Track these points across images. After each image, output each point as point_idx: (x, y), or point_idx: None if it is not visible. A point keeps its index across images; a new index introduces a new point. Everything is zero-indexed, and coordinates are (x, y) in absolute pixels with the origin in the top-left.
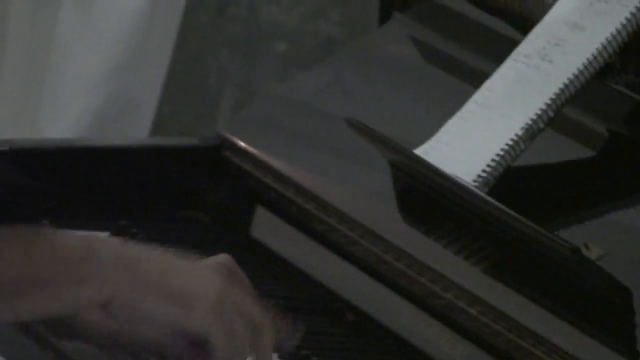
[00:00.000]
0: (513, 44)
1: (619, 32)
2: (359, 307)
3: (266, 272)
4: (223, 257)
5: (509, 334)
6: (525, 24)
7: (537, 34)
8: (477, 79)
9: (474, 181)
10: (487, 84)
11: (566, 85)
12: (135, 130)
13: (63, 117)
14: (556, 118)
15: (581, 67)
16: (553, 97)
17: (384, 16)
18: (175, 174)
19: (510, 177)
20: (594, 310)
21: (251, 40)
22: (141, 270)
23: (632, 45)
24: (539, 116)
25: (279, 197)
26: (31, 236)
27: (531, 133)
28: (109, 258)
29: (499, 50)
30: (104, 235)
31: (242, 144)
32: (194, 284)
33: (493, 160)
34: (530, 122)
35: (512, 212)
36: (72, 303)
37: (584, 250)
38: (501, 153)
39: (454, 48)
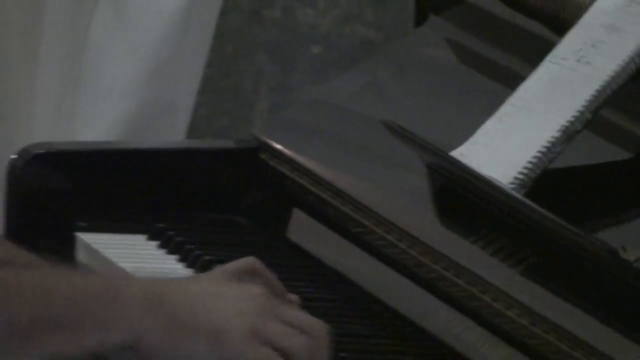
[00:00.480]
0: (549, 45)
1: None
2: (396, 309)
3: (303, 274)
4: (248, 262)
5: (546, 336)
6: (561, 26)
7: (574, 35)
8: (513, 81)
9: (511, 183)
10: (524, 86)
11: (603, 87)
12: (172, 133)
13: (99, 119)
14: (593, 120)
15: (618, 68)
16: (590, 99)
17: (420, 18)
18: (212, 177)
19: (547, 179)
20: (631, 312)
21: (286, 43)
22: (169, 310)
23: None
24: (575, 118)
25: (315, 200)
26: (50, 276)
27: (568, 135)
28: (134, 299)
29: (535, 52)
30: (129, 274)
31: (278, 146)
32: (224, 318)
33: (530, 162)
34: (567, 124)
35: (549, 214)
36: (96, 346)
37: (621, 253)
38: (538, 155)
39: (489, 50)
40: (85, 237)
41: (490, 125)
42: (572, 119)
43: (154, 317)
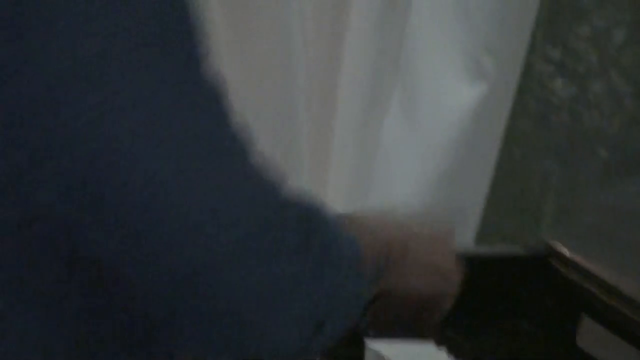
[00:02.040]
0: None
1: None
2: None
3: None
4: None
5: None
6: None
7: None
8: None
9: None
10: None
11: None
12: (460, 238)
13: None
14: None
15: None
16: None
17: None
18: (499, 283)
19: None
20: None
21: (573, 147)
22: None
23: None
24: None
25: (606, 307)
26: None
27: None
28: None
29: None
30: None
31: (567, 252)
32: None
33: None
34: None
35: None
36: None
37: None
38: None
39: None
40: (375, 346)
41: None
42: None
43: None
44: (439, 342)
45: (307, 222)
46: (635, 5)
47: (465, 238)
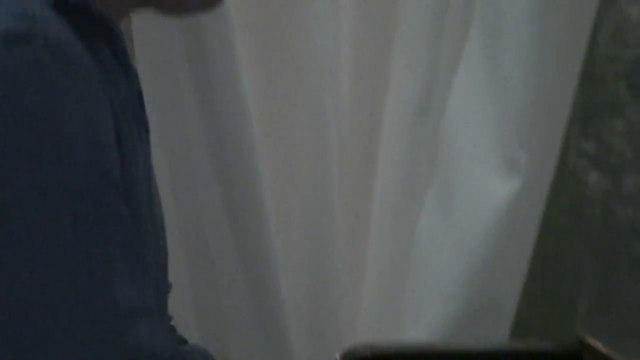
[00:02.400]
0: None
1: None
2: None
3: None
4: None
5: None
6: None
7: None
8: None
9: None
10: None
11: None
12: (494, 333)
13: (423, 317)
14: None
15: None
16: None
17: None
18: None
19: None
20: None
21: (607, 241)
22: None
23: None
24: None
25: None
26: None
27: None
28: None
29: None
30: None
31: (601, 347)
32: None
33: None
34: None
35: None
36: None
37: None
38: None
39: None
40: None
41: None
42: None
43: None
44: None
45: None
46: None
47: (499, 333)
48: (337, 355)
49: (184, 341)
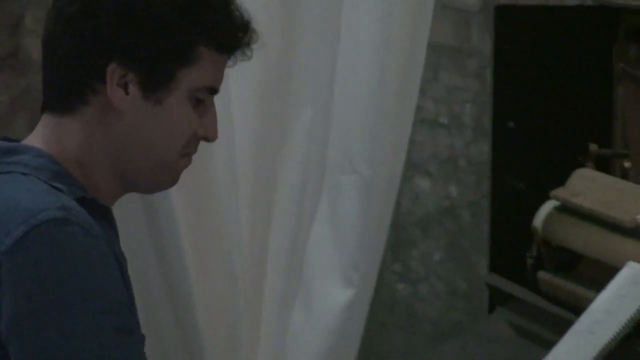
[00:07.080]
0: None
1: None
2: None
3: None
4: None
5: None
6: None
7: (585, 316)
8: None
9: None
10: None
11: (602, 348)
12: None
13: None
14: None
15: (611, 336)
16: (595, 354)
17: None
18: None
19: None
20: None
21: (411, 325)
22: None
23: None
24: None
25: None
26: None
27: None
28: None
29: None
30: None
31: None
32: None
33: None
34: None
35: None
36: None
37: None
38: None
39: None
40: None
41: None
42: None
43: None
44: None
45: None
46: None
47: None
48: None
49: None
